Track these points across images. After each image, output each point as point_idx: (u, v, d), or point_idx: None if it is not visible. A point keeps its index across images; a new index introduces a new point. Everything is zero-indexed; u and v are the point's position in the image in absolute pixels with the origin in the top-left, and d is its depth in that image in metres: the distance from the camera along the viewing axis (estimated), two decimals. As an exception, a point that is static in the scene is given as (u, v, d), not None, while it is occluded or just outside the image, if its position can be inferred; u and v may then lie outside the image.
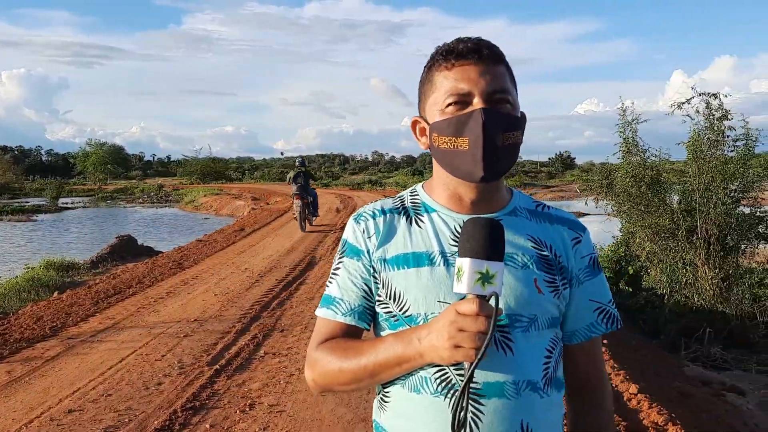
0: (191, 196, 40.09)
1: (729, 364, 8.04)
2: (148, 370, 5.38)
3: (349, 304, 1.35)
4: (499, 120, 1.25)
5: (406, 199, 1.41)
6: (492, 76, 1.27)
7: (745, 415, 6.19)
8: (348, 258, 1.37)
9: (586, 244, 1.39)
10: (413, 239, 1.33)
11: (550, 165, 75.79)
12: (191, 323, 6.93)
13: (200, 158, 63.78)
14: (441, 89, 1.29)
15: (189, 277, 9.81)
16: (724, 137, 9.07)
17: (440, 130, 1.29)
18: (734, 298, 8.82)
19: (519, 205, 1.38)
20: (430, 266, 1.29)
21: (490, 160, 1.24)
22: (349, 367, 1.29)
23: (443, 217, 1.34)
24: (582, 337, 1.39)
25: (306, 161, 17.69)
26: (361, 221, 1.38)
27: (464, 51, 1.27)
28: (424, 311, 1.26)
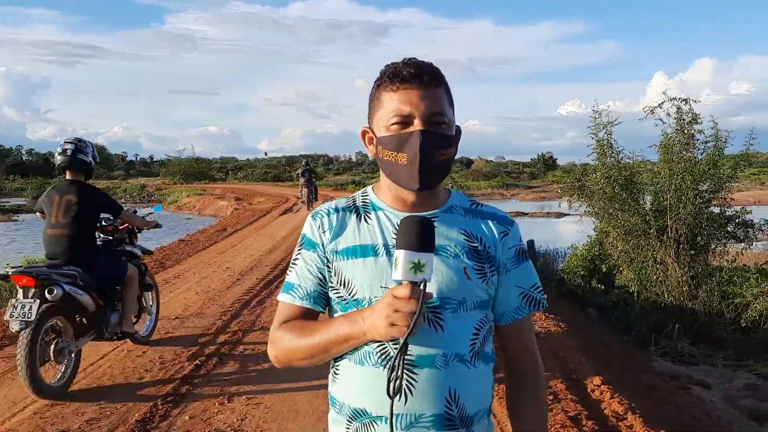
0: (174, 196, 39.95)
1: (697, 360, 8.32)
2: (129, 366, 5.51)
3: (305, 290, 1.55)
4: (435, 140, 1.44)
5: (357, 199, 1.62)
6: (431, 100, 1.45)
7: (708, 407, 6.45)
8: (305, 250, 1.58)
9: (513, 236, 1.58)
10: (361, 233, 1.53)
11: (533, 165, 76.32)
12: (172, 321, 7.06)
13: (183, 158, 63.48)
14: (387, 108, 1.48)
15: (171, 276, 9.92)
16: (694, 140, 9.35)
17: (384, 144, 1.48)
18: (703, 295, 9.11)
19: (455, 204, 1.58)
20: (374, 257, 1.49)
21: (424, 174, 1.45)
22: (306, 344, 1.49)
23: (388, 215, 1.54)
24: (510, 318, 1.58)
25: (309, 162, 24.47)
26: (317, 218, 1.59)
27: (408, 76, 1.45)
28: (369, 295, 1.47)
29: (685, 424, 5.46)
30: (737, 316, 8.75)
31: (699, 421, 5.78)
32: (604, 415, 4.45)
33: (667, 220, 9.20)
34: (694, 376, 7.54)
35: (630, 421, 4.31)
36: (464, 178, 66.47)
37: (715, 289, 9.12)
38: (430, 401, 1.44)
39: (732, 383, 7.44)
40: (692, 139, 9.25)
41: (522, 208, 33.87)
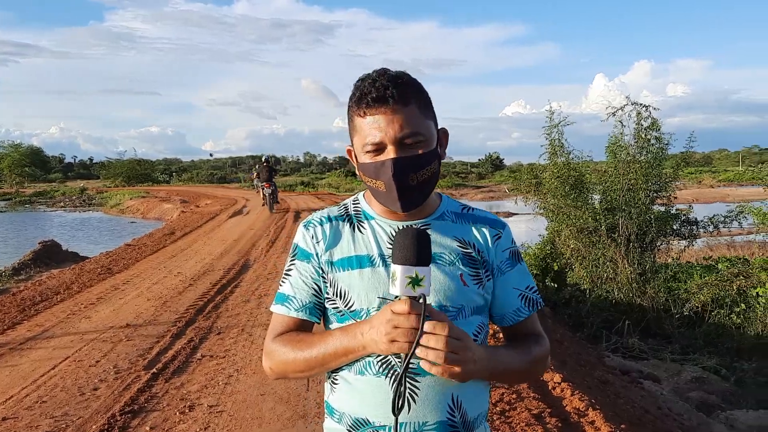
0: (116, 199, 38.95)
1: (646, 354, 8.57)
2: (82, 376, 5.32)
3: (300, 301, 1.54)
4: (409, 164, 1.43)
5: (349, 207, 1.60)
6: (400, 123, 1.42)
7: (659, 400, 6.65)
8: (299, 261, 1.56)
9: (505, 238, 1.59)
10: (356, 244, 1.52)
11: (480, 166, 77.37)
12: (125, 328, 6.86)
13: (125, 160, 61.92)
14: (360, 134, 1.47)
15: (120, 282, 9.64)
16: (650, 144, 9.68)
17: (364, 170, 1.49)
18: (651, 291, 9.39)
19: (447, 210, 1.58)
20: (371, 267, 1.48)
21: (405, 198, 1.45)
22: (303, 356, 1.47)
23: (381, 224, 1.54)
24: (510, 320, 1.59)
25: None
26: (310, 228, 1.56)
27: (373, 100, 1.42)
28: (366, 306, 1.46)
29: (639, 417, 5.61)
30: (682, 310, 9.06)
31: (651, 413, 5.95)
32: (566, 411, 4.53)
33: (618, 219, 9.46)
34: (644, 371, 7.76)
35: (591, 416, 4.40)
36: (412, 178, 66.63)
37: (661, 285, 9.41)
38: (433, 408, 1.44)
39: (680, 376, 7.68)
40: (648, 143, 9.57)
41: (470, 208, 34.10)
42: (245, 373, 5.39)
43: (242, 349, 6.05)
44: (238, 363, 5.65)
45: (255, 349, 6.03)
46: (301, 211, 21.74)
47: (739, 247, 14.51)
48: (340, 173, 66.38)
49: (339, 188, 46.02)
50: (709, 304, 8.90)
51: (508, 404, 4.52)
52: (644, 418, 5.38)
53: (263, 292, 8.64)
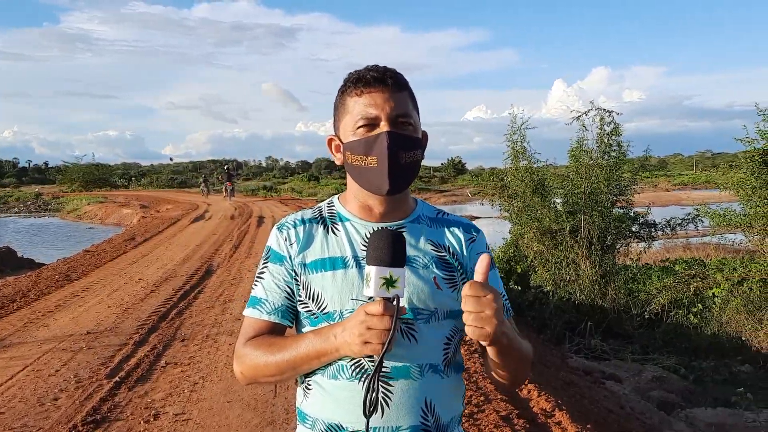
0: (73, 204, 38.08)
1: (608, 355, 8.73)
2: (42, 386, 5.17)
3: (273, 304, 1.52)
4: (402, 141, 1.44)
5: (323, 210, 1.59)
6: (396, 102, 1.46)
7: (622, 399, 6.77)
8: (272, 263, 1.54)
9: (479, 243, 1.59)
10: (329, 245, 1.51)
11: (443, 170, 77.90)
12: (85, 336, 6.69)
13: (82, 164, 60.59)
14: (353, 113, 1.47)
15: (79, 290, 9.41)
16: (611, 149, 9.91)
17: (352, 149, 1.48)
18: (611, 293, 9.58)
19: (422, 214, 1.58)
20: (344, 269, 1.47)
21: (394, 176, 1.44)
22: (274, 360, 1.45)
23: (356, 226, 1.53)
24: None
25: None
26: (283, 230, 1.55)
27: (372, 79, 1.46)
28: (339, 308, 1.45)
29: (603, 416, 5.70)
30: (643, 312, 9.26)
31: (615, 413, 6.06)
32: (533, 413, 4.59)
33: (581, 222, 9.64)
34: (606, 371, 7.90)
35: (558, 417, 4.46)
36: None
37: (622, 287, 9.62)
38: (406, 413, 1.43)
39: (641, 376, 7.85)
40: (610, 147, 9.78)
41: (434, 212, 34.26)
42: (211, 380, 5.32)
43: (207, 356, 5.97)
44: (203, 370, 5.57)
45: (220, 356, 5.95)
46: (265, 217, 21.57)
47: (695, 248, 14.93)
48: (303, 177, 66.09)
49: (302, 192, 45.79)
50: (667, 305, 9.12)
51: (476, 406, 4.55)
52: (609, 418, 5.47)
53: (228, 298, 8.54)
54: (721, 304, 8.82)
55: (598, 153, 9.78)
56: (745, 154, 9.08)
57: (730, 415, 6.49)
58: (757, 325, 8.47)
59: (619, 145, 10.00)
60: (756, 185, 8.63)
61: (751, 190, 8.74)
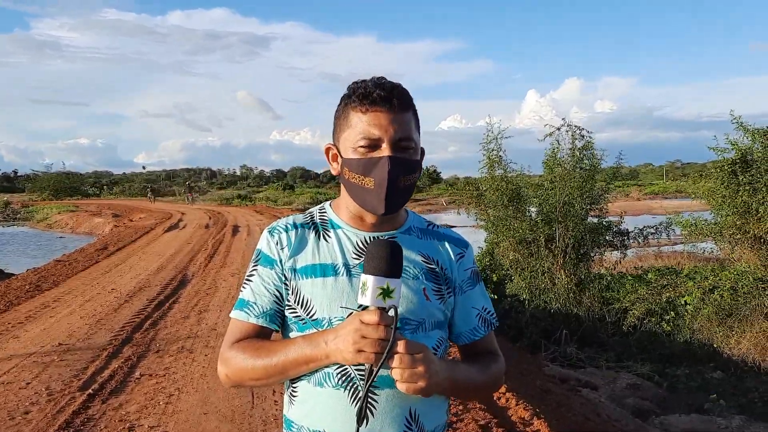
0: (43, 213, 37.40)
1: (583, 363, 8.79)
2: (12, 399, 5.05)
3: (261, 308, 1.51)
4: (402, 166, 1.45)
5: (315, 215, 1.59)
6: (399, 125, 1.45)
7: (597, 407, 6.82)
8: (261, 266, 1.53)
9: (468, 258, 1.61)
10: (321, 252, 1.51)
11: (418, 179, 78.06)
12: (57, 348, 6.57)
13: (52, 173, 59.69)
14: (355, 129, 1.46)
15: (50, 300, 9.24)
16: (583, 161, 10.09)
17: (351, 166, 1.47)
18: (587, 301, 9.66)
19: (413, 225, 1.60)
20: (334, 276, 1.47)
21: (391, 199, 1.44)
22: (261, 364, 1.45)
23: (347, 234, 1.53)
24: (466, 339, 1.60)
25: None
26: (275, 234, 1.54)
27: (378, 99, 1.44)
28: (328, 315, 1.45)
29: (580, 424, 5.74)
30: (617, 320, 9.35)
31: (592, 420, 6.11)
32: (512, 421, 4.60)
33: (555, 231, 9.73)
34: (582, 379, 7.96)
35: (536, 425, 4.48)
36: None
37: (596, 295, 9.71)
38: (390, 421, 1.44)
39: (616, 383, 7.91)
40: (581, 162, 9.95)
41: (409, 221, 34.38)
42: (187, 391, 5.24)
43: (183, 367, 5.89)
44: (179, 381, 5.49)
45: (196, 367, 5.87)
46: (240, 226, 21.41)
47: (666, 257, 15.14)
48: (277, 186, 65.77)
49: (277, 201, 45.54)
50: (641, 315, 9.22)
51: (455, 416, 4.55)
52: (585, 426, 5.51)
53: (203, 308, 8.45)
54: (693, 312, 8.93)
55: (570, 164, 9.94)
56: (715, 164, 9.25)
57: (703, 422, 6.57)
58: (728, 333, 8.59)
59: (593, 155, 10.15)
60: (725, 194, 8.79)
61: (721, 199, 8.90)
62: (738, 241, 8.82)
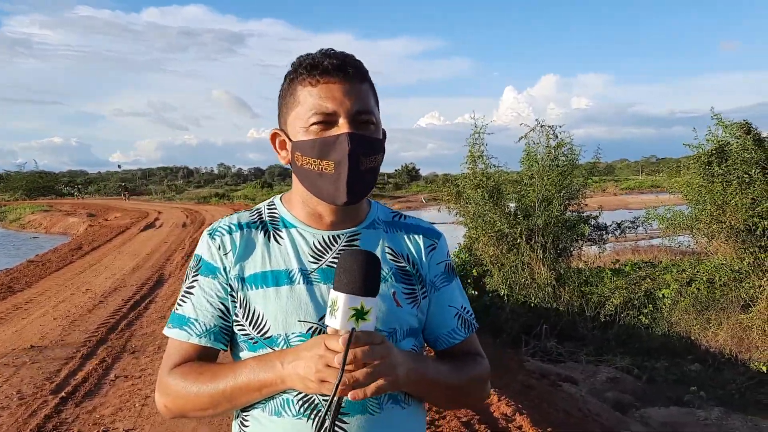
0: (16, 213, 36.73)
1: (563, 357, 8.81)
2: (-19, 404, 4.91)
3: (204, 325, 1.28)
4: (364, 144, 1.23)
5: (263, 213, 1.36)
6: (357, 96, 1.24)
7: (579, 402, 6.83)
8: (203, 276, 1.30)
9: (441, 250, 1.39)
10: (272, 256, 1.28)
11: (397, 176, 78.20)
12: (29, 351, 6.41)
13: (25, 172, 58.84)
14: (305, 105, 1.24)
15: (22, 302, 9.04)
16: (558, 159, 10.19)
17: (304, 149, 1.24)
18: (566, 295, 9.70)
19: (377, 218, 1.37)
20: (289, 285, 1.25)
21: (353, 185, 1.22)
22: (207, 391, 1.23)
23: (303, 234, 1.31)
24: (445, 343, 1.38)
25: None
26: (216, 237, 1.31)
27: (330, 68, 1.23)
28: (284, 332, 1.23)
29: (562, 419, 5.74)
30: (596, 314, 9.40)
31: (573, 415, 6.11)
32: (494, 418, 4.57)
33: (535, 225, 9.77)
34: (562, 374, 7.97)
35: (519, 422, 4.45)
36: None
37: (575, 289, 9.74)
38: None
39: (596, 377, 7.94)
40: (557, 159, 10.04)
41: (388, 217, 34.44)
42: (163, 393, 5.13)
43: (159, 368, 5.77)
44: (155, 383, 5.37)
45: (173, 368, 5.76)
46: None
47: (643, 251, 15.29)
48: (255, 185, 65.42)
49: (255, 200, 45.27)
50: (619, 306, 9.27)
51: (437, 413, 4.50)
52: (567, 421, 5.50)
53: (180, 308, 8.32)
54: (671, 305, 9.01)
55: (546, 162, 10.05)
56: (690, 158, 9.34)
57: (683, 414, 6.62)
58: (706, 325, 8.67)
59: (572, 151, 10.23)
60: (702, 183, 8.88)
61: (698, 189, 8.99)
62: (714, 232, 8.90)
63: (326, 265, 1.27)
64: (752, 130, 8.72)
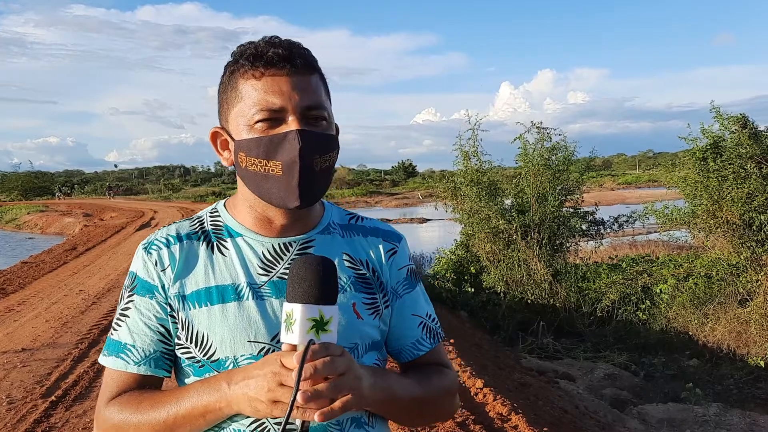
0: (12, 214, 36.68)
1: (561, 354, 8.78)
2: (-30, 409, 4.85)
3: (142, 351, 1.15)
4: (316, 142, 1.11)
5: (205, 221, 1.23)
6: (307, 90, 1.12)
7: (576, 399, 6.79)
8: (139, 296, 1.17)
9: (402, 254, 1.28)
10: (216, 270, 1.16)
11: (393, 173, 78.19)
12: (19, 353, 6.34)
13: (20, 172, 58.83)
14: (248, 101, 1.12)
15: (14, 303, 8.97)
16: (551, 158, 10.20)
17: (248, 149, 1.12)
18: (562, 292, 9.65)
19: (332, 221, 1.25)
20: (237, 301, 1.13)
21: (306, 188, 1.11)
22: (147, 420, 1.11)
23: (250, 242, 1.18)
24: (409, 355, 1.27)
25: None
26: (152, 251, 1.18)
27: (275, 58, 1.11)
28: (232, 354, 1.11)
29: (558, 417, 5.69)
30: (593, 310, 9.36)
31: (569, 413, 6.07)
32: (489, 417, 4.51)
33: (531, 221, 9.74)
34: (559, 370, 7.93)
35: (514, 421, 4.40)
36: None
37: (572, 285, 9.70)
38: None
39: (593, 374, 7.90)
40: (549, 161, 10.06)
41: (387, 215, 34.47)
42: (155, 395, 5.08)
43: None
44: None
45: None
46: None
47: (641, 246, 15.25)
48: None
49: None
50: (616, 302, 9.24)
51: (431, 413, 4.45)
52: (564, 419, 5.46)
53: (174, 308, 8.26)
54: (668, 300, 8.97)
55: (541, 162, 10.06)
56: (687, 152, 9.30)
57: (680, 410, 6.57)
58: (703, 320, 8.63)
59: (566, 148, 10.22)
60: (699, 179, 8.83)
61: (694, 184, 8.95)
62: (711, 227, 8.86)
63: (277, 276, 1.16)
64: (749, 123, 8.67)
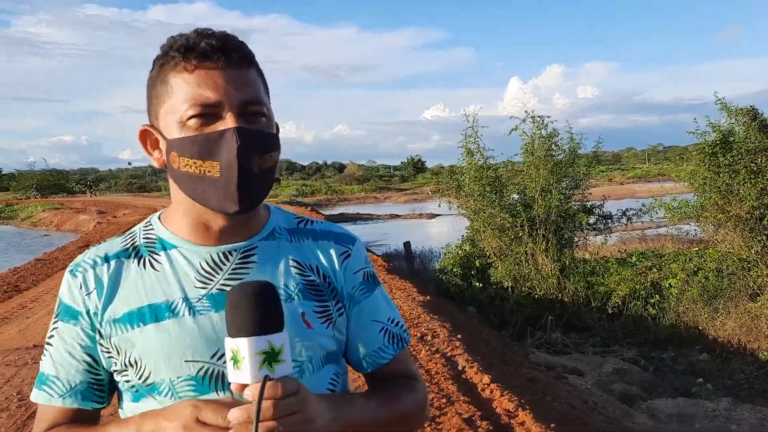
0: (28, 211, 37.09)
1: (569, 348, 8.76)
2: (-18, 406, 4.92)
3: (67, 383, 1.07)
4: (256, 140, 1.02)
5: (138, 236, 1.13)
6: (244, 84, 1.03)
7: (584, 394, 6.79)
8: (63, 322, 1.08)
9: (357, 257, 1.19)
10: (148, 287, 1.07)
11: (403, 169, 78.13)
12: (31, 350, 6.43)
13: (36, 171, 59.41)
14: (179, 96, 1.03)
15: (27, 300, 9.09)
16: (551, 149, 10.22)
17: (182, 149, 1.02)
18: (571, 286, 9.63)
19: (278, 226, 1.17)
20: (173, 318, 1.04)
21: (246, 190, 1.02)
22: None
23: (185, 254, 1.09)
24: (371, 364, 1.18)
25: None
26: (78, 273, 1.09)
27: (208, 50, 1.02)
28: (168, 377, 1.03)
29: (566, 413, 5.69)
30: (603, 304, 9.33)
31: (577, 409, 6.06)
32: (496, 413, 4.52)
33: (537, 214, 9.74)
34: (568, 365, 7.92)
35: (521, 417, 4.40)
36: (338, 183, 66.92)
37: (581, 280, 9.68)
38: None
39: (602, 369, 7.88)
40: (550, 150, 10.06)
41: (396, 210, 34.54)
42: (164, 391, 5.13)
43: None
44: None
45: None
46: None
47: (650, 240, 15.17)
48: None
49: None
50: (626, 297, 9.21)
51: (438, 409, 4.46)
52: (571, 414, 5.46)
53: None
54: (678, 295, 8.94)
55: (542, 152, 10.05)
56: (695, 147, 9.24)
57: (690, 405, 6.55)
58: (714, 314, 8.59)
59: (572, 139, 10.20)
60: (707, 175, 8.78)
61: (702, 180, 8.89)
62: (721, 221, 8.80)
63: (216, 289, 1.06)
64: (758, 115, 8.61)
